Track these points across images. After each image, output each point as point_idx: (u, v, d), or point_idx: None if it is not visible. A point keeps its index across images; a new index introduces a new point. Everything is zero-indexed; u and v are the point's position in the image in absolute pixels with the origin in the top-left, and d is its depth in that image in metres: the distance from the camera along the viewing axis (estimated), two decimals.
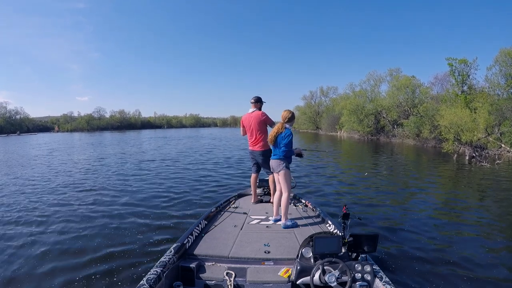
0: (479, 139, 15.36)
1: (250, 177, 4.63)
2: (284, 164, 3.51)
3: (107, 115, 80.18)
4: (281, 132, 3.51)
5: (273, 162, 3.63)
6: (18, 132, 57.33)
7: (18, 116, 67.32)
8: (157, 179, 8.95)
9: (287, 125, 3.55)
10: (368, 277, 2.26)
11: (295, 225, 3.45)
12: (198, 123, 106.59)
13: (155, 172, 10.42)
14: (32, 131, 64.08)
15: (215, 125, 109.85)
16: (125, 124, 79.38)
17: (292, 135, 3.53)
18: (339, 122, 38.17)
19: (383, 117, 30.42)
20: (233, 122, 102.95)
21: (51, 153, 18.08)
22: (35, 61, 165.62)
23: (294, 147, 3.65)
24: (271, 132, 3.61)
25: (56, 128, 70.39)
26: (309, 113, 51.75)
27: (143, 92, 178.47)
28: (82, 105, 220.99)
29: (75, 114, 77.19)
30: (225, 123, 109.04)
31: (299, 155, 3.85)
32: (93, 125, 72.84)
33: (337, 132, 40.46)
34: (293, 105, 61.03)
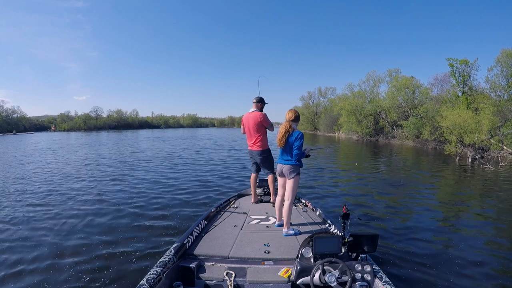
0: (482, 141, 15.20)
1: (249, 177, 4.62)
2: (297, 171, 3.25)
3: (104, 115, 79.94)
4: (290, 133, 3.21)
5: (284, 168, 3.30)
6: (14, 131, 56.91)
7: (14, 115, 66.81)
8: (154, 180, 8.91)
9: (293, 125, 3.27)
10: (368, 277, 2.27)
11: (297, 233, 3.27)
12: (196, 123, 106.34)
13: (152, 172, 10.38)
14: (29, 130, 63.67)
15: (213, 125, 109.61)
16: (123, 124, 79.09)
17: (303, 136, 3.25)
18: (337, 123, 38.24)
19: (382, 118, 30.35)
20: (231, 122, 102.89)
21: (42, 153, 17.85)
22: (33, 59, 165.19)
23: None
24: (280, 133, 3.25)
25: (53, 128, 69.93)
26: (307, 113, 51.88)
27: (141, 91, 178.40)
28: (79, 104, 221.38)
29: (72, 114, 76.76)
30: (222, 123, 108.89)
31: (307, 155, 3.63)
32: (90, 124, 72.42)
33: (335, 133, 40.58)
34: (291, 105, 61.13)
